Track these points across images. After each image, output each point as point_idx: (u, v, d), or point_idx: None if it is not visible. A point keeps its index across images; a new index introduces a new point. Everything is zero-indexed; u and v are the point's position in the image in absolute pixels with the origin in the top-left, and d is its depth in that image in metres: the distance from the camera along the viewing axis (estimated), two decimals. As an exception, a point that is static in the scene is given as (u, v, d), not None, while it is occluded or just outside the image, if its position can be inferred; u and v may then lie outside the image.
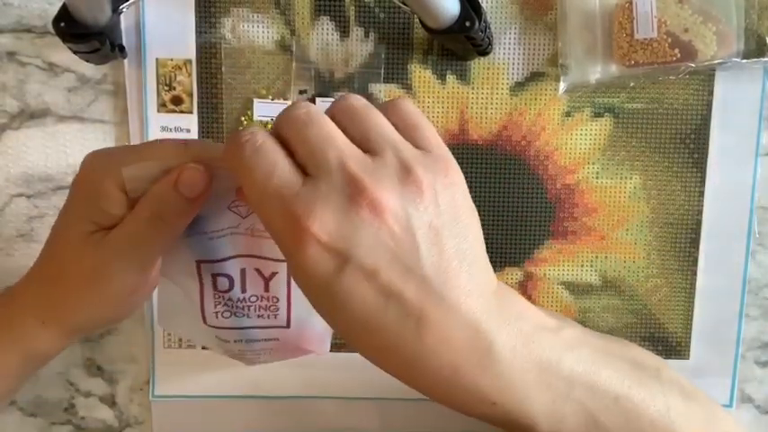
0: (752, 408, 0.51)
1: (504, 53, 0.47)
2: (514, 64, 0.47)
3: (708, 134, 0.47)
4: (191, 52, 0.46)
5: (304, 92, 0.47)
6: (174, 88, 0.47)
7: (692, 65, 0.44)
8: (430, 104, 0.47)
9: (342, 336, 0.31)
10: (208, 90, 0.47)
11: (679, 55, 0.44)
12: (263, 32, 0.46)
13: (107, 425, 0.51)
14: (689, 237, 0.48)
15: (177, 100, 0.47)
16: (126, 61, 0.46)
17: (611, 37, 0.45)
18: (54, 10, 0.40)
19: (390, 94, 0.47)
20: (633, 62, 0.44)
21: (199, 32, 0.46)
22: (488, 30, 0.44)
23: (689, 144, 0.48)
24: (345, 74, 0.47)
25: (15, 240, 0.48)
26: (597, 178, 0.48)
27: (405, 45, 0.47)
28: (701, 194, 0.48)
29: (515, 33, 0.46)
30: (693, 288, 0.49)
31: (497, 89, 0.47)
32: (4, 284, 0.44)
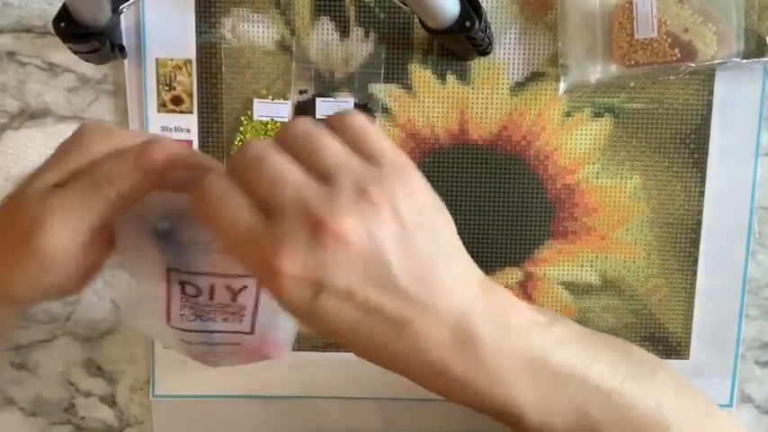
0: (752, 408, 0.51)
1: (504, 53, 0.47)
2: (514, 64, 0.47)
3: (708, 134, 0.47)
4: (191, 52, 0.46)
5: (304, 92, 0.47)
6: (174, 88, 0.47)
7: (692, 65, 0.44)
8: (430, 104, 0.47)
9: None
10: (208, 90, 0.47)
11: (679, 55, 0.44)
12: (263, 32, 0.46)
13: (107, 425, 0.51)
14: (689, 237, 0.48)
15: (177, 100, 0.47)
16: (126, 61, 0.46)
17: (611, 37, 0.45)
18: (54, 10, 0.40)
19: (390, 94, 0.47)
20: (633, 62, 0.44)
21: (199, 32, 0.46)
22: (488, 30, 0.44)
23: (689, 144, 0.48)
24: (345, 74, 0.47)
25: (15, 240, 0.48)
26: (597, 178, 0.48)
27: (405, 45, 0.47)
28: (701, 194, 0.48)
29: (515, 33, 0.46)
30: (693, 288, 0.49)
31: (497, 89, 0.47)
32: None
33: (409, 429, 0.51)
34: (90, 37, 0.40)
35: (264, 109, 0.47)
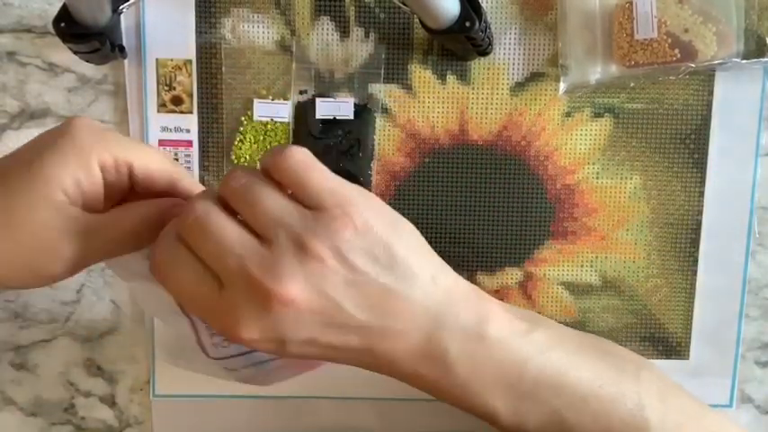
0: (752, 408, 0.51)
1: (504, 53, 0.47)
2: (514, 64, 0.47)
3: (708, 134, 0.47)
4: (191, 52, 0.46)
5: (304, 92, 0.47)
6: (174, 88, 0.47)
7: (692, 65, 0.44)
8: (430, 104, 0.47)
9: None
10: (208, 90, 0.47)
11: (679, 55, 0.44)
12: (263, 32, 0.46)
13: (107, 425, 0.51)
14: (689, 237, 0.48)
15: (177, 100, 0.47)
16: (126, 61, 0.46)
17: (611, 37, 0.45)
18: (54, 10, 0.40)
19: (390, 95, 0.47)
20: (633, 62, 0.44)
21: (199, 32, 0.46)
22: (488, 30, 0.44)
23: (689, 144, 0.48)
24: (345, 74, 0.47)
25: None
26: (597, 178, 0.48)
27: (405, 45, 0.47)
28: (701, 194, 0.48)
29: (515, 33, 0.46)
30: (693, 288, 0.49)
31: (497, 89, 0.47)
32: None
33: (407, 429, 0.51)
34: (90, 37, 0.40)
35: (264, 109, 0.47)
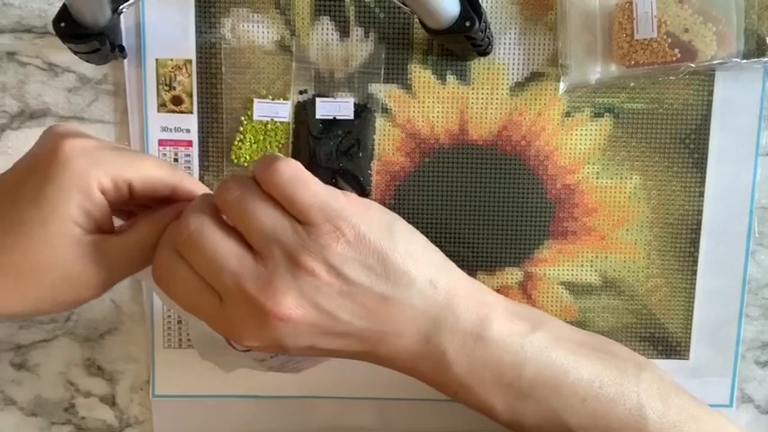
0: (752, 408, 0.51)
1: (504, 53, 0.47)
2: (514, 64, 0.47)
3: (708, 134, 0.47)
4: (191, 52, 0.46)
5: (304, 92, 0.47)
6: (174, 88, 0.47)
7: (692, 65, 0.44)
8: (430, 104, 0.47)
9: None
10: (208, 90, 0.47)
11: (679, 55, 0.44)
12: (263, 32, 0.46)
13: (107, 425, 0.51)
14: (689, 237, 0.48)
15: (177, 100, 0.47)
16: (126, 61, 0.46)
17: (611, 37, 0.45)
18: (54, 10, 0.40)
19: (390, 95, 0.47)
20: (633, 62, 0.44)
21: (199, 32, 0.46)
22: (488, 30, 0.44)
23: (689, 144, 0.48)
24: (345, 74, 0.47)
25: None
26: (597, 178, 0.48)
27: (405, 45, 0.47)
28: (701, 194, 0.48)
29: (515, 33, 0.46)
30: (693, 288, 0.49)
31: (497, 89, 0.47)
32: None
33: (407, 429, 0.51)
34: (90, 37, 0.40)
35: (264, 109, 0.47)
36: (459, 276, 0.35)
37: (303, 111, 0.47)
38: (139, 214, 0.36)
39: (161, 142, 0.47)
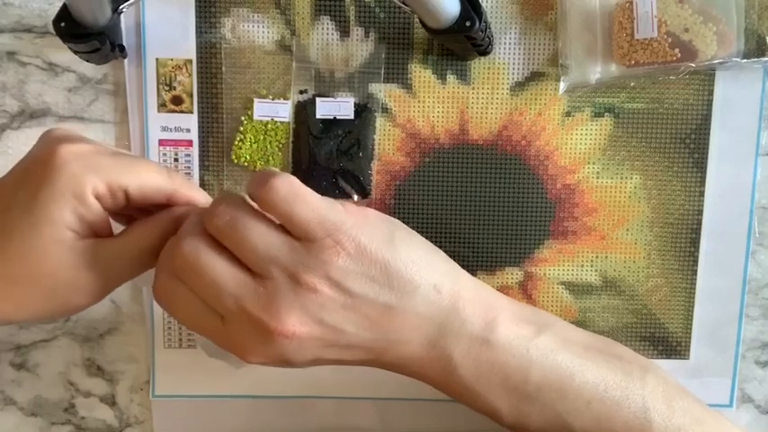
0: (752, 408, 0.51)
1: (504, 53, 0.47)
2: (514, 64, 0.47)
3: (708, 134, 0.47)
4: (191, 52, 0.46)
5: (304, 92, 0.47)
6: (174, 88, 0.47)
7: (692, 65, 0.44)
8: (430, 104, 0.47)
9: None
10: (208, 90, 0.47)
11: (679, 55, 0.44)
12: (263, 32, 0.46)
13: (107, 425, 0.51)
14: (689, 237, 0.48)
15: (177, 100, 0.47)
16: (126, 61, 0.46)
17: (611, 37, 0.45)
18: (54, 10, 0.40)
19: (390, 94, 0.47)
20: (633, 62, 0.44)
21: (199, 32, 0.46)
22: (488, 30, 0.44)
23: (689, 144, 0.48)
24: (345, 74, 0.47)
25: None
26: (597, 178, 0.48)
27: (405, 45, 0.47)
28: (701, 194, 0.48)
29: (515, 33, 0.46)
30: (693, 288, 0.49)
31: (497, 89, 0.47)
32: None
33: (407, 429, 0.51)
34: (90, 37, 0.40)
35: (264, 109, 0.47)
36: (463, 279, 0.35)
37: (303, 110, 0.47)
38: (138, 219, 0.36)
39: (161, 142, 0.47)
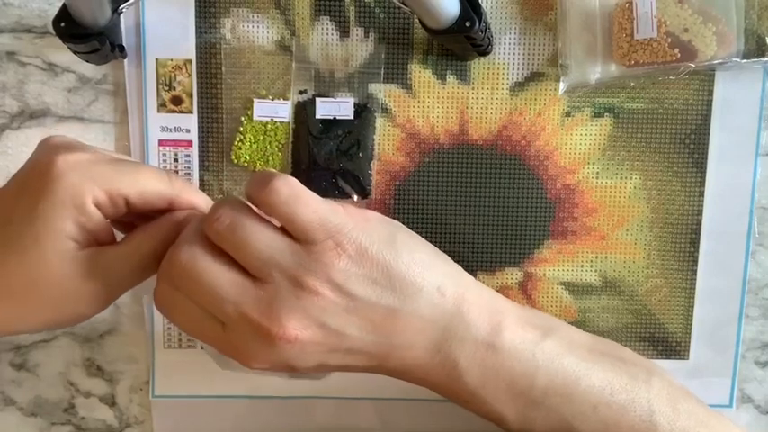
0: (752, 408, 0.51)
1: (504, 53, 0.47)
2: (514, 64, 0.47)
3: (708, 134, 0.47)
4: (191, 52, 0.46)
5: (304, 92, 0.47)
6: (174, 88, 0.47)
7: (692, 65, 0.44)
8: (430, 104, 0.47)
9: None
10: (208, 90, 0.47)
11: (679, 55, 0.44)
12: (263, 32, 0.46)
13: (107, 425, 0.51)
14: (689, 237, 0.48)
15: (177, 100, 0.47)
16: (126, 61, 0.46)
17: (611, 37, 0.45)
18: (54, 10, 0.40)
19: (390, 94, 0.47)
20: (633, 62, 0.44)
21: (199, 32, 0.46)
22: (488, 30, 0.44)
23: (689, 144, 0.48)
24: (345, 74, 0.47)
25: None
26: (597, 178, 0.48)
27: (405, 45, 0.47)
28: (701, 194, 0.48)
29: (515, 33, 0.46)
30: (693, 288, 0.49)
31: (497, 89, 0.47)
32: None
33: (407, 429, 0.51)
34: (90, 37, 0.40)
35: (264, 109, 0.47)
36: (467, 282, 0.35)
37: (303, 111, 0.47)
38: (140, 225, 0.35)
39: (161, 142, 0.47)
